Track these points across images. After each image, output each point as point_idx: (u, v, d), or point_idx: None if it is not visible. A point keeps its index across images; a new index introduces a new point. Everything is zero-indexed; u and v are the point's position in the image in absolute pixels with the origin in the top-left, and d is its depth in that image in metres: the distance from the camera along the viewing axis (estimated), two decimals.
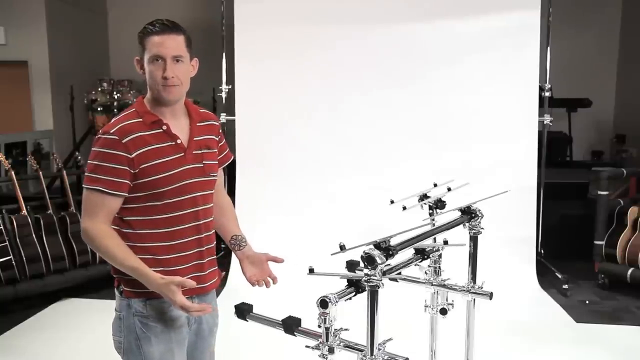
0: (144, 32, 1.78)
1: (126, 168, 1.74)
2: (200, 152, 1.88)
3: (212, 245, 1.97)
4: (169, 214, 1.80)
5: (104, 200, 1.74)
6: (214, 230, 1.98)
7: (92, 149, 1.77)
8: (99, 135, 1.77)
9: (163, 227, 1.79)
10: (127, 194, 1.76)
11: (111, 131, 1.75)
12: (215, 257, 1.99)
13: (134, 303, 1.81)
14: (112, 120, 1.81)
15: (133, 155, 1.74)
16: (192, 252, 1.86)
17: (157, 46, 1.75)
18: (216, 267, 2.00)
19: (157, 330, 1.82)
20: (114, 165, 1.73)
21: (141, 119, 1.79)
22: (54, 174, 5.76)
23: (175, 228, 1.82)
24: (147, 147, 1.76)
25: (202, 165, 1.88)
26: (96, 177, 1.73)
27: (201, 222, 1.87)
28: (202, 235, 1.89)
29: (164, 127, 1.81)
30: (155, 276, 1.70)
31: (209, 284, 1.93)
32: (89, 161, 1.77)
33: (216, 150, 1.97)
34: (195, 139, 1.87)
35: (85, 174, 1.76)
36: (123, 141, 1.73)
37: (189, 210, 1.83)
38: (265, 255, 2.04)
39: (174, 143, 1.82)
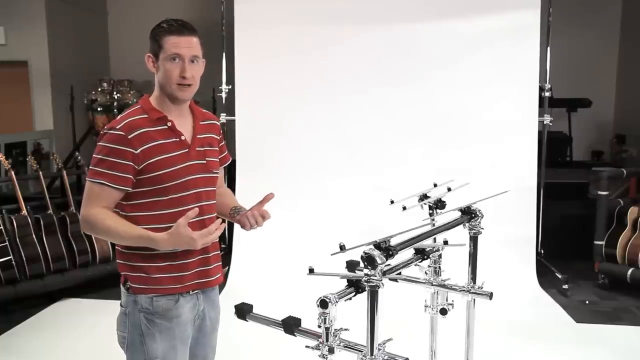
0: (161, 30, 1.82)
1: (130, 163, 1.77)
2: (203, 149, 1.92)
3: (216, 240, 1.98)
4: (173, 209, 1.82)
5: (105, 193, 1.77)
6: None
7: (98, 143, 1.80)
8: (105, 131, 1.80)
9: (168, 222, 1.80)
10: (129, 189, 1.79)
11: (117, 127, 1.78)
12: (219, 252, 2.02)
13: (140, 299, 1.84)
14: (118, 117, 1.85)
15: (138, 151, 1.77)
16: None
17: (176, 46, 1.79)
18: (220, 263, 2.03)
19: (162, 327, 1.84)
20: (118, 161, 1.76)
21: (147, 115, 1.83)
22: (54, 174, 5.76)
23: None
24: (152, 143, 1.79)
25: (205, 162, 1.92)
26: (100, 171, 1.77)
27: (206, 217, 1.90)
28: None
29: (169, 124, 1.85)
30: (161, 235, 1.74)
31: (214, 278, 1.97)
32: (93, 155, 1.79)
33: (217, 148, 2.01)
34: (198, 136, 1.92)
35: (90, 167, 1.79)
36: (129, 137, 1.77)
37: (193, 205, 1.84)
38: (258, 204, 2.02)
39: (178, 139, 1.86)
